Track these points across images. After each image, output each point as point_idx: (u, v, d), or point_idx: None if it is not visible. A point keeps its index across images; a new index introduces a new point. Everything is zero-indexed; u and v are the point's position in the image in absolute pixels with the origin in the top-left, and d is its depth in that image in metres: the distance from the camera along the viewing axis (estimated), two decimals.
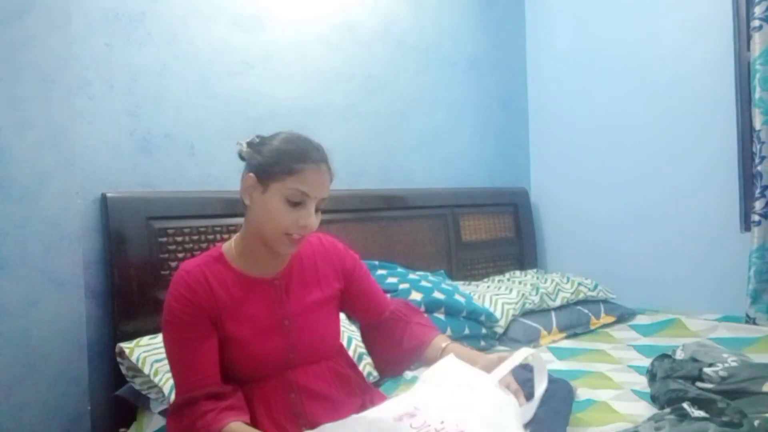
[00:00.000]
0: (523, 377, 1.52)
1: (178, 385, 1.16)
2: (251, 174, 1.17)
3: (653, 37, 2.74)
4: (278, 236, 1.16)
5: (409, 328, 1.33)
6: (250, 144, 1.21)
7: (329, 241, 1.37)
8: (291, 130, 1.23)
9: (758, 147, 2.26)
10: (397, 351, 1.33)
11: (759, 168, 2.27)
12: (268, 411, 1.17)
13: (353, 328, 1.78)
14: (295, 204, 1.14)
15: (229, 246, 1.25)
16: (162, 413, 1.56)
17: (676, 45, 2.65)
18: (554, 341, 2.23)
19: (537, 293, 2.40)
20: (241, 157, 1.22)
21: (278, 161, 1.15)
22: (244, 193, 1.19)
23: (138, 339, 1.71)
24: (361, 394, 1.28)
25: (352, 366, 1.36)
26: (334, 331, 1.31)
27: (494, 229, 3.01)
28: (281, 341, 1.20)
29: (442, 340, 1.30)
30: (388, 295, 1.99)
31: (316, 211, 1.18)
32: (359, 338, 1.51)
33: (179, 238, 1.95)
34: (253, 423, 1.14)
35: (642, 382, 1.67)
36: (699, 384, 1.49)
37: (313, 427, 1.06)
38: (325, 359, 1.27)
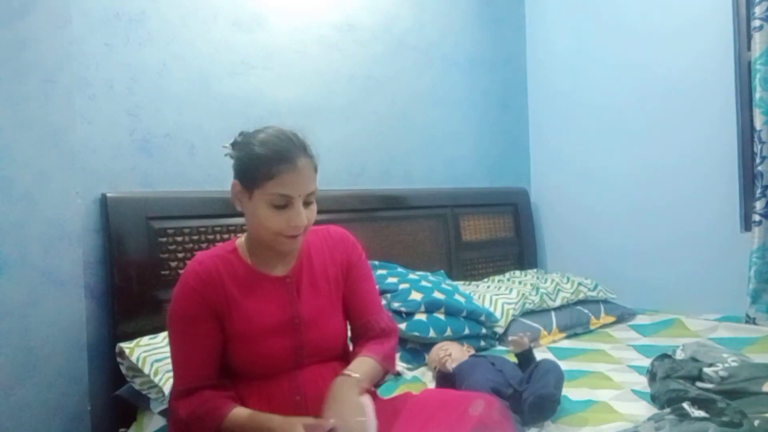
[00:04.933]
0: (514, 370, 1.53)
1: (176, 376, 1.18)
2: (236, 181, 1.19)
3: (652, 36, 2.73)
4: (274, 237, 1.16)
5: (359, 347, 1.29)
6: (234, 144, 1.20)
7: (339, 232, 1.36)
8: (277, 126, 1.21)
9: (759, 147, 2.25)
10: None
11: (760, 168, 2.26)
12: (270, 410, 1.15)
13: None
14: (282, 206, 1.14)
15: (242, 242, 1.26)
16: (162, 413, 1.56)
17: (676, 45, 2.65)
18: (554, 341, 2.23)
19: (537, 293, 2.40)
20: (231, 157, 1.22)
21: (255, 167, 1.13)
22: (234, 200, 1.21)
23: (138, 339, 1.71)
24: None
25: None
26: (342, 331, 1.31)
27: (494, 229, 3.01)
28: (290, 340, 1.20)
29: (354, 369, 1.19)
30: (388, 295, 2.02)
31: (308, 204, 1.17)
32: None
33: (179, 238, 1.95)
34: None
35: (642, 382, 1.66)
36: (699, 384, 1.49)
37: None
38: (332, 360, 1.27)
